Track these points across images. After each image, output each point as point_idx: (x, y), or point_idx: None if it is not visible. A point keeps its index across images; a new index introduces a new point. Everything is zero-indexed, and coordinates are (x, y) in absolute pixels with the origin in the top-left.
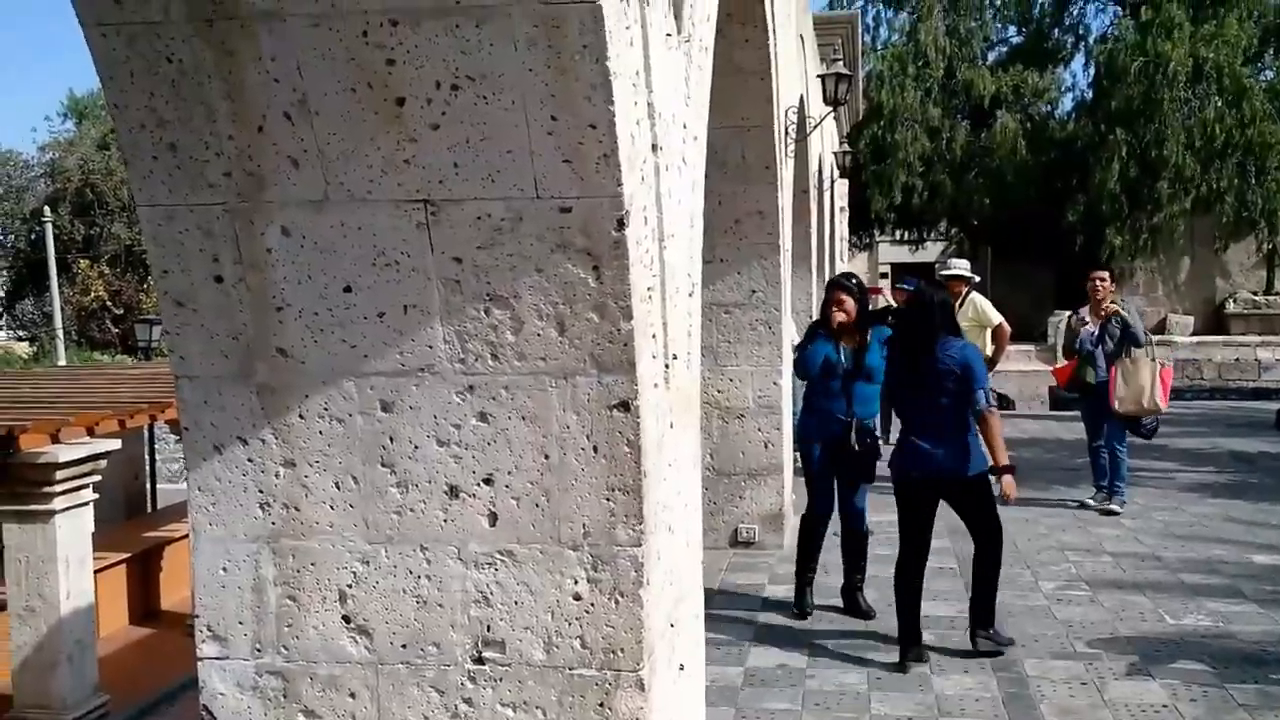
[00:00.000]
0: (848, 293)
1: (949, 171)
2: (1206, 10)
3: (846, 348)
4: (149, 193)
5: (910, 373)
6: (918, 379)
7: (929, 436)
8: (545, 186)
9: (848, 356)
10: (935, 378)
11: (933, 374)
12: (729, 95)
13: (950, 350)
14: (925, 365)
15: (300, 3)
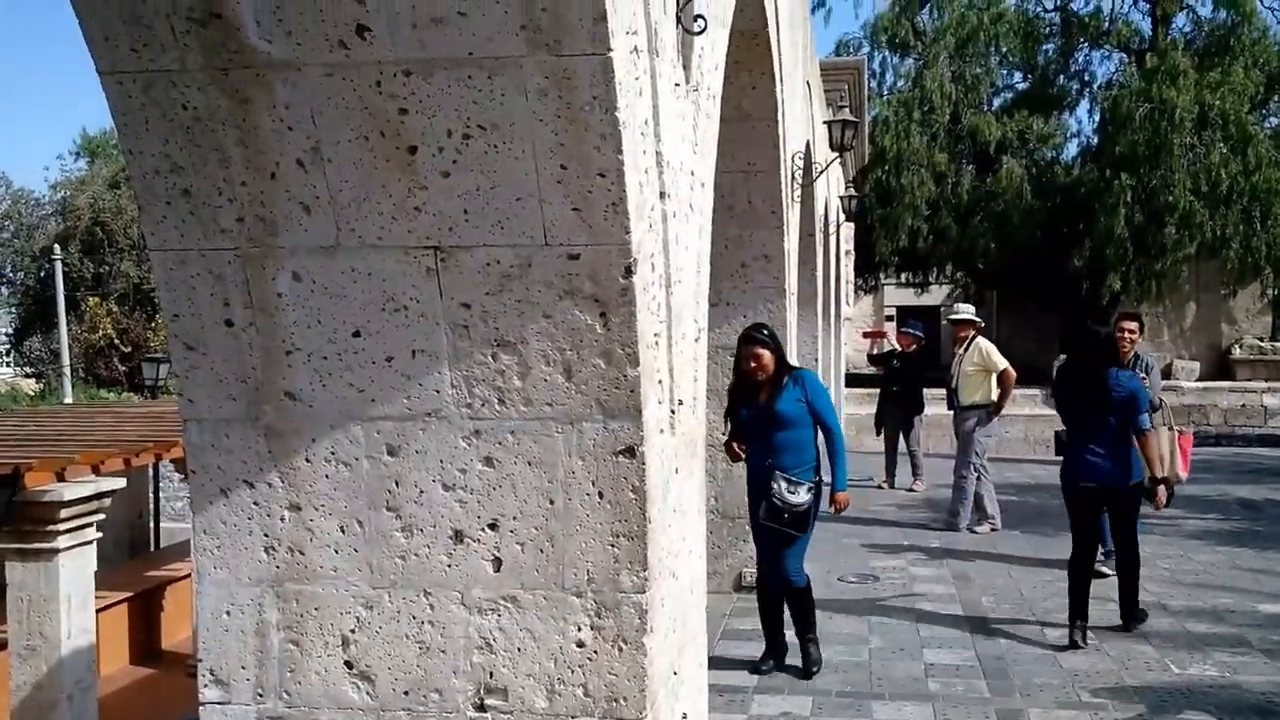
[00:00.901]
0: (763, 346)
1: (954, 216)
2: (1211, 58)
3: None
4: (161, 237)
5: (1084, 399)
6: (1090, 404)
7: (1098, 452)
8: (554, 234)
9: (757, 407)
10: (1107, 402)
11: (1106, 399)
12: (736, 140)
13: (1120, 379)
14: (1098, 392)
15: (315, 53)
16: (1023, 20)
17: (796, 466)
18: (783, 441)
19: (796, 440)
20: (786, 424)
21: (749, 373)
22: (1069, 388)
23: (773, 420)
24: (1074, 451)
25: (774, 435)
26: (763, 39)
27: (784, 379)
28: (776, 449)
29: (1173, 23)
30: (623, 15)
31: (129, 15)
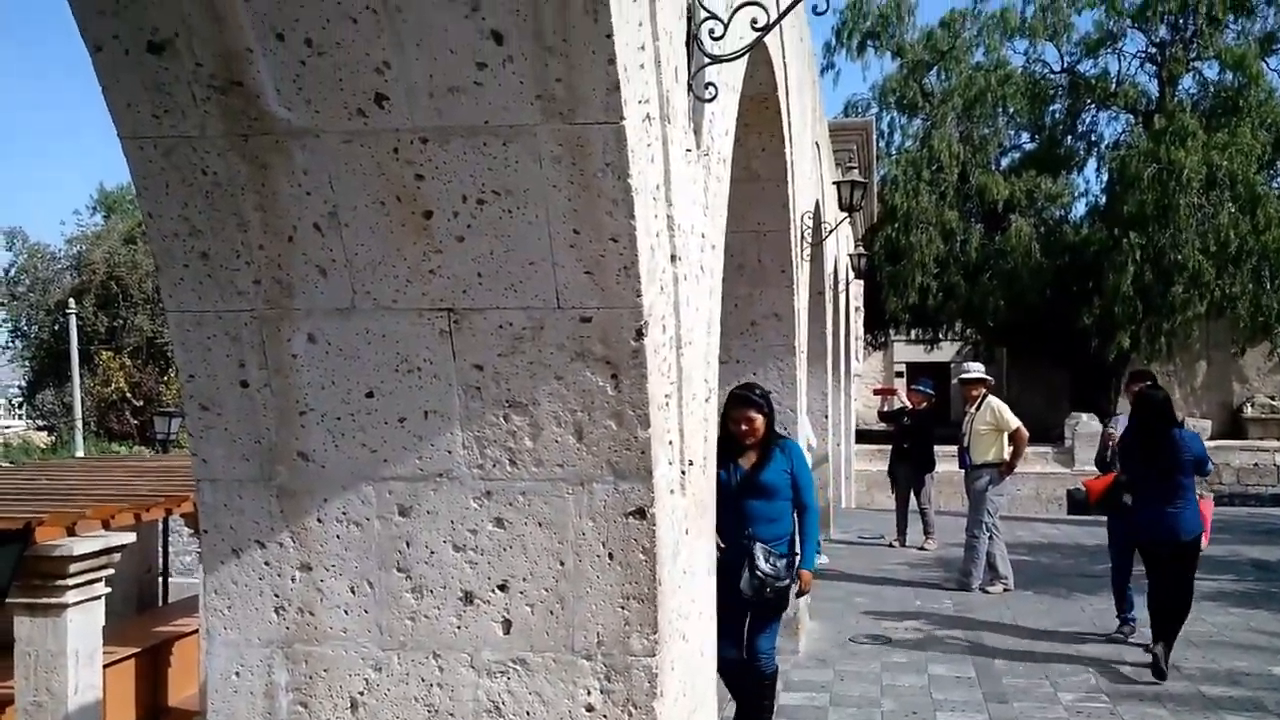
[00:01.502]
0: (757, 410)
1: (963, 273)
2: (1219, 119)
3: (742, 465)
4: (179, 299)
5: (1149, 457)
6: (1155, 461)
7: (1163, 507)
8: (566, 297)
9: (739, 472)
10: (1174, 461)
11: (1172, 458)
12: (746, 201)
13: (1185, 438)
14: (1165, 450)
15: (334, 120)
16: (1030, 82)
17: (774, 539)
18: (763, 511)
19: (777, 511)
20: (769, 494)
21: (737, 435)
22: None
23: (755, 489)
24: (1145, 510)
25: (754, 504)
26: (772, 102)
27: (773, 447)
28: (755, 518)
29: (1179, 84)
30: (635, 85)
31: (151, 82)
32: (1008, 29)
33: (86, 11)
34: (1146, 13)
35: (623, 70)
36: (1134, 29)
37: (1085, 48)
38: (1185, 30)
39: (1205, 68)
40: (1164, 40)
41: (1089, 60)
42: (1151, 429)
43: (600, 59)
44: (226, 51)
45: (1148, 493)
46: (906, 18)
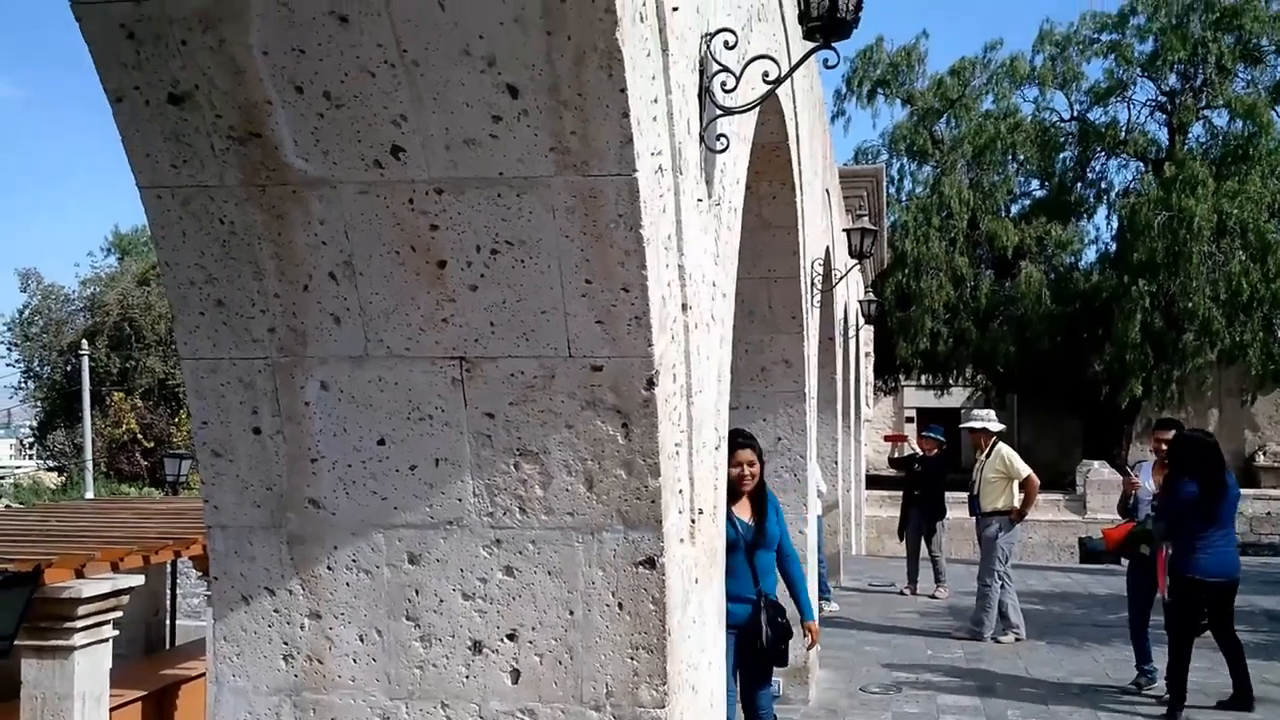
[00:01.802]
0: (756, 451)
1: (974, 319)
2: (1229, 167)
3: (741, 517)
4: (194, 346)
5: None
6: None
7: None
8: (578, 346)
9: (744, 526)
10: (1228, 505)
11: (1226, 502)
12: (757, 248)
13: (1232, 480)
14: (1218, 494)
15: (351, 171)
16: (1039, 129)
17: (773, 592)
18: (768, 563)
19: (772, 561)
20: (770, 544)
21: (736, 480)
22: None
23: (761, 541)
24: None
25: (762, 556)
26: (783, 151)
27: (766, 494)
28: (762, 572)
29: (1189, 132)
30: (648, 137)
31: (171, 133)
32: (1017, 78)
33: (108, 63)
34: (1156, 62)
35: (636, 124)
36: (1143, 78)
37: (1095, 96)
38: (1195, 79)
39: (1215, 116)
40: (1173, 89)
41: (1098, 108)
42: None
43: (614, 113)
44: (246, 103)
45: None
46: (916, 66)
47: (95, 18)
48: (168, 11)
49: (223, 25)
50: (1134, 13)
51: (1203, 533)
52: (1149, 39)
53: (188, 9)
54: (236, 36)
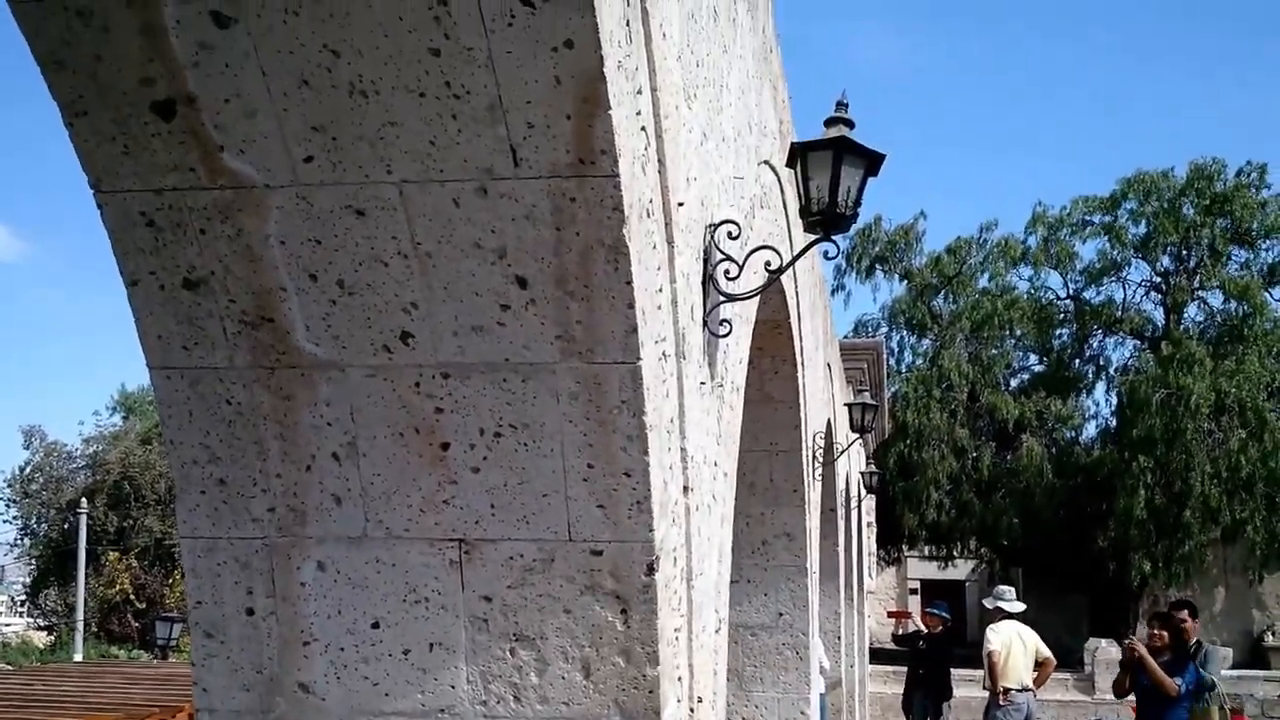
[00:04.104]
0: None
1: (976, 491)
2: (1225, 346)
3: None
4: (193, 525)
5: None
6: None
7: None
8: (578, 530)
9: None
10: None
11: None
12: (759, 422)
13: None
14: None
15: (360, 356)
16: (1035, 307)
17: None
18: None
19: None
20: None
21: None
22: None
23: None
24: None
25: None
26: (785, 328)
27: None
28: None
29: (1184, 312)
30: (652, 325)
31: (184, 316)
32: (1012, 257)
33: (127, 249)
34: (1149, 244)
35: (640, 313)
36: (1137, 259)
37: (1089, 276)
38: (1188, 261)
39: (1209, 297)
40: (1167, 270)
41: (1093, 288)
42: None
43: (619, 303)
44: (260, 290)
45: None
46: (914, 244)
47: (117, 206)
48: (188, 202)
49: (242, 215)
50: (1125, 197)
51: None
52: (1141, 222)
53: (208, 199)
54: (255, 226)
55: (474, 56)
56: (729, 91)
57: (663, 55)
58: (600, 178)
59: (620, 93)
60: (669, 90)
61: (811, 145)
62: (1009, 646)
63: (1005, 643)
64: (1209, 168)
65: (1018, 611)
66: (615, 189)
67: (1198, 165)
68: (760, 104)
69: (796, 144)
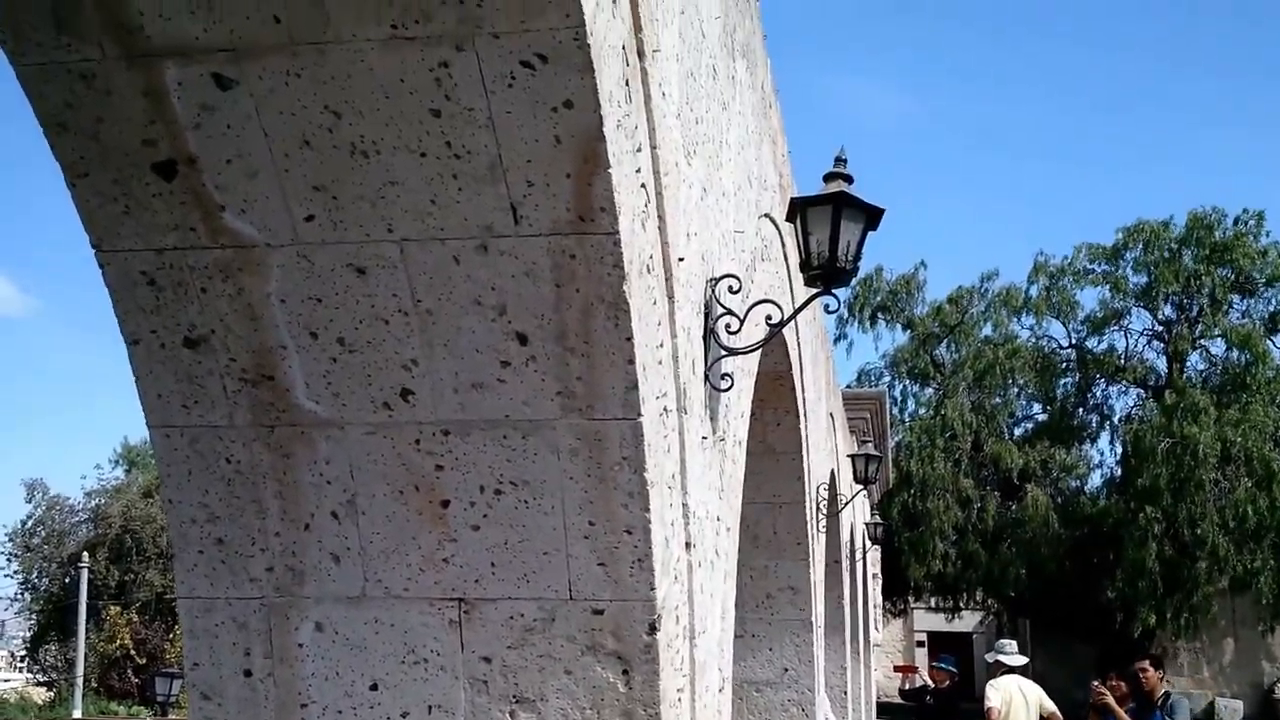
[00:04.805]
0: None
1: (982, 541)
2: (1228, 394)
3: None
4: (191, 585)
5: None
6: None
7: None
8: (579, 588)
9: None
10: None
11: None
12: (762, 473)
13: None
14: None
15: (360, 413)
16: (1037, 355)
17: None
18: None
19: None
20: None
21: None
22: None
23: None
24: None
25: None
26: (787, 379)
27: None
28: None
29: (1187, 361)
30: (653, 381)
31: (184, 374)
32: (1014, 306)
33: (128, 308)
34: (1151, 292)
35: (641, 369)
36: (1139, 307)
37: (1091, 325)
38: (1190, 309)
39: (1212, 345)
40: (1169, 318)
41: (1095, 336)
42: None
43: (620, 359)
44: (261, 348)
45: None
46: (916, 293)
47: (119, 266)
48: (189, 261)
49: (243, 274)
50: (1127, 247)
51: None
52: (1142, 271)
53: (209, 259)
54: (256, 285)
55: (475, 117)
56: (729, 147)
57: (662, 113)
58: (600, 235)
59: (620, 151)
60: (668, 147)
61: (811, 200)
62: (1009, 702)
63: (1005, 699)
64: (1208, 217)
65: (1019, 665)
66: (615, 246)
67: (1197, 215)
68: (760, 158)
69: (796, 199)
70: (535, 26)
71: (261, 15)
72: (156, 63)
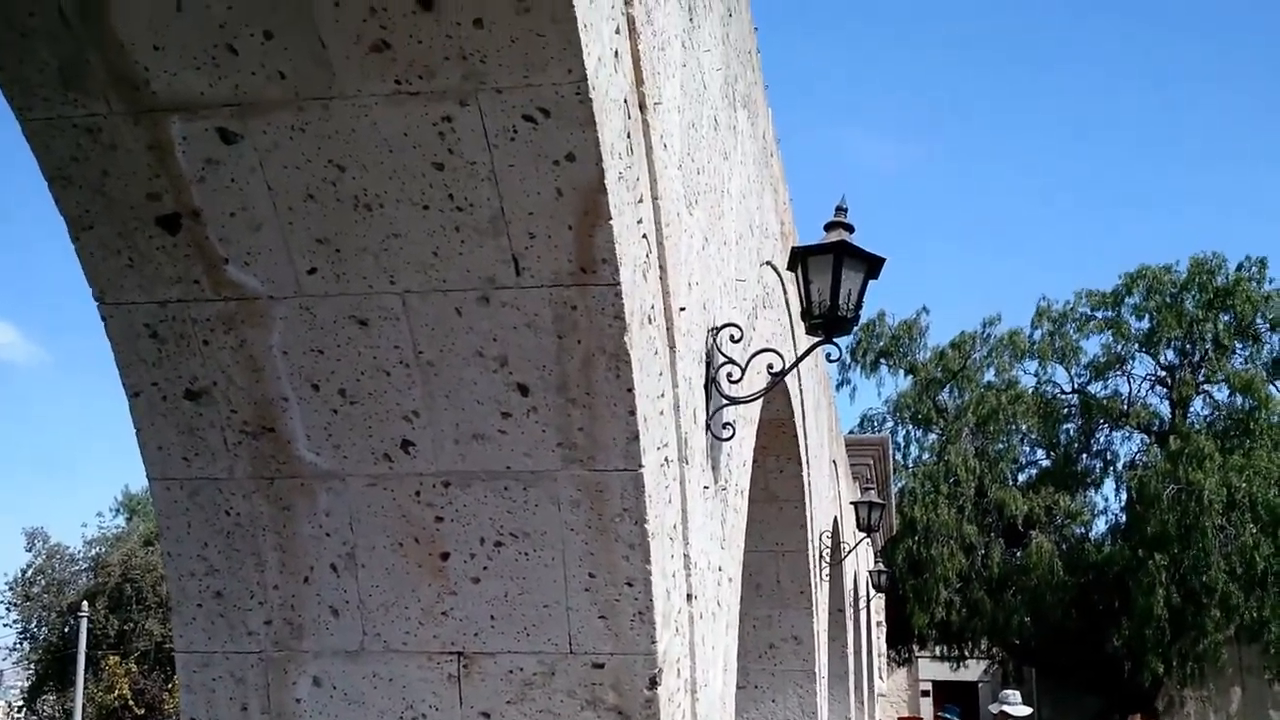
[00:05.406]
0: None
1: (987, 589)
2: (1232, 440)
3: None
4: (189, 639)
5: None
6: None
7: None
8: (579, 642)
9: None
10: None
11: None
12: (764, 521)
13: None
14: None
15: (360, 465)
16: (1041, 401)
17: None
18: None
19: None
20: None
21: None
22: None
23: None
24: None
25: None
26: (789, 426)
27: None
28: None
29: (1190, 406)
30: (654, 431)
31: (185, 426)
32: (1017, 351)
33: (130, 360)
34: (1153, 338)
35: (642, 420)
36: (1142, 353)
37: (1094, 370)
38: (1192, 355)
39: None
40: (1172, 364)
41: (1099, 382)
42: None
43: (621, 410)
44: (262, 400)
45: None
46: (918, 338)
47: (121, 318)
48: (192, 313)
49: (245, 326)
50: (1128, 293)
51: None
52: (1144, 316)
53: (212, 311)
54: (258, 337)
55: (477, 170)
56: (730, 196)
57: (664, 164)
58: (602, 286)
59: (621, 203)
60: (670, 198)
61: (812, 250)
62: None
63: None
64: (1210, 262)
65: (1024, 716)
66: (616, 297)
67: (1199, 260)
68: (761, 206)
69: (797, 248)
70: (538, 82)
71: (267, 71)
72: (162, 117)
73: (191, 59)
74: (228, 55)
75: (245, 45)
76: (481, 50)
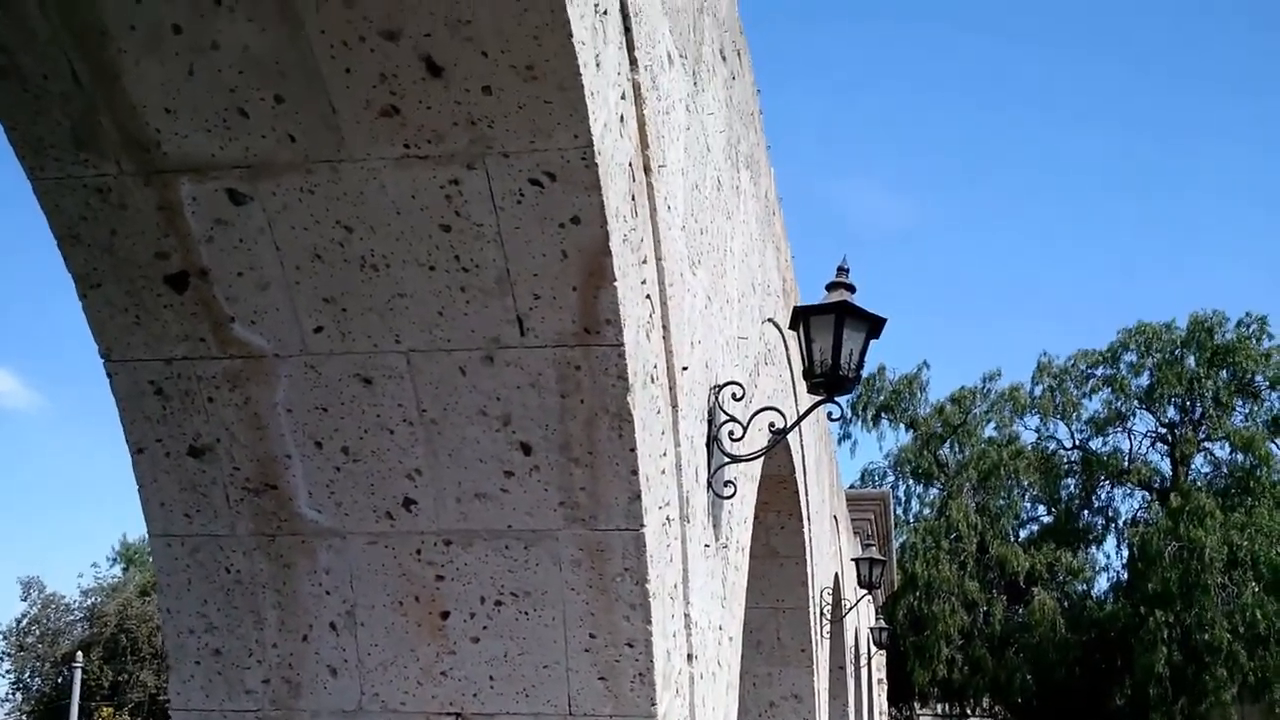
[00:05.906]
0: None
1: (988, 646)
2: (1233, 497)
3: None
4: (186, 697)
5: None
6: None
7: None
8: (579, 703)
9: None
10: None
11: None
12: (765, 577)
13: None
14: None
15: (362, 523)
16: (1042, 457)
17: None
18: None
19: None
20: None
21: None
22: None
23: None
24: None
25: None
26: (790, 483)
27: None
28: None
29: (1191, 463)
30: (656, 491)
31: (188, 483)
32: (1017, 407)
33: (134, 417)
34: (1154, 394)
35: (644, 479)
36: (1142, 410)
37: (1095, 426)
38: (1193, 412)
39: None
40: (1173, 421)
41: (1100, 438)
42: None
43: (623, 470)
44: (265, 457)
45: None
46: (919, 393)
47: (127, 375)
48: (197, 371)
49: (250, 384)
50: (1126, 348)
51: None
52: (1144, 373)
53: (217, 369)
54: (263, 395)
55: (484, 232)
56: (733, 255)
57: (667, 225)
58: (605, 346)
59: (625, 264)
60: (674, 258)
61: (814, 309)
62: None
63: None
64: (1209, 319)
65: None
66: (620, 357)
67: (1198, 317)
68: (764, 264)
69: (799, 308)
70: (544, 146)
71: (277, 134)
72: (172, 178)
73: (203, 121)
74: (238, 118)
75: (256, 109)
76: (489, 116)
